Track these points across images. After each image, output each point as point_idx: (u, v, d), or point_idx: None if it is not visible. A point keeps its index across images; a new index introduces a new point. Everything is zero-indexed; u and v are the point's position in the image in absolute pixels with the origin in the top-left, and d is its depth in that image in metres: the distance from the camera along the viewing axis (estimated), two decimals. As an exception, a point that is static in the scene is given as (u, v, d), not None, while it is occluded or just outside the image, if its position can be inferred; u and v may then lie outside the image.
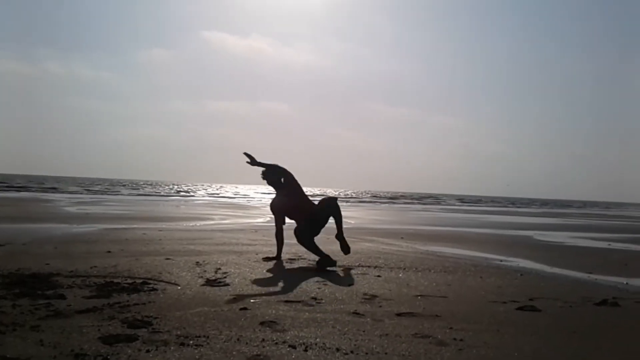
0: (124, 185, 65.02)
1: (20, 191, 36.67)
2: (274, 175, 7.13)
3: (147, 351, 3.04)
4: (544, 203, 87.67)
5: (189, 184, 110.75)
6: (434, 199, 70.79)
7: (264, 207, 27.60)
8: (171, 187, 73.81)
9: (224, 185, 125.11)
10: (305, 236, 6.88)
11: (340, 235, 7.12)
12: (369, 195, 77.14)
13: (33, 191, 37.78)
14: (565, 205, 71.39)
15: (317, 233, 7.04)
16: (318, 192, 73.01)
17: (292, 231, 6.94)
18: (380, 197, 65.84)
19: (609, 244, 12.15)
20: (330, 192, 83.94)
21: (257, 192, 64.49)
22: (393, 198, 64.25)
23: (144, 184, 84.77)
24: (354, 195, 70.73)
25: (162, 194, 45.50)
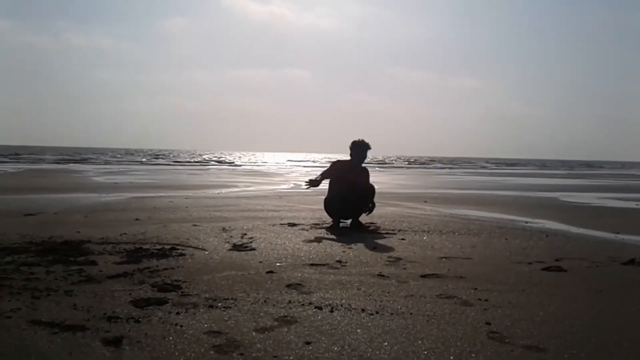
0: (161, 157, 65.57)
1: (62, 163, 37.31)
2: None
3: (177, 313, 3.12)
4: (587, 165, 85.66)
5: (211, 153, 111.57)
6: (470, 163, 70.14)
7: (288, 174, 27.73)
8: (199, 156, 74.38)
9: (255, 154, 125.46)
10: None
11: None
12: (402, 160, 76.61)
13: (80, 163, 38.41)
14: (599, 167, 70.05)
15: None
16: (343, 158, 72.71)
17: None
18: (413, 163, 65.27)
19: (637, 204, 11.96)
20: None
21: (289, 160, 64.67)
22: (425, 163, 63.73)
23: (171, 154, 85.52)
24: (387, 161, 70.31)
25: (192, 162, 45.90)
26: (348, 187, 7.10)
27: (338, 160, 7.52)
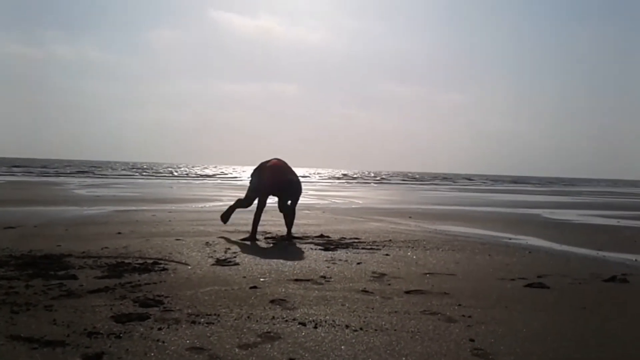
0: (146, 170, 65.13)
1: (51, 176, 36.86)
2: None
3: (159, 329, 3.08)
4: (571, 182, 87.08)
5: (197, 166, 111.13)
6: (468, 180, 70.67)
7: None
8: (185, 169, 74.03)
9: (243, 168, 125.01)
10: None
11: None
12: (389, 176, 77.13)
13: (72, 176, 37.98)
14: (595, 184, 70.93)
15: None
16: (325, 173, 72.94)
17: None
18: (401, 178, 65.61)
19: (618, 221, 12.10)
20: (339, 173, 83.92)
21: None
22: (413, 178, 64.09)
23: (158, 167, 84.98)
24: (377, 176, 70.69)
25: (177, 176, 45.62)
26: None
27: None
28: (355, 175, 71.62)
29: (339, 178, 56.46)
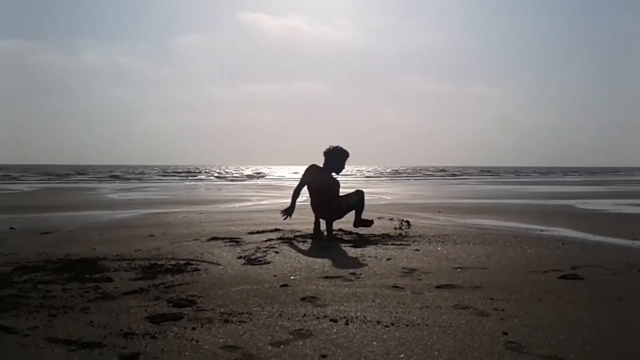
0: (176, 173, 65.94)
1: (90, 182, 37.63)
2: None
3: (193, 328, 3.12)
4: (614, 171, 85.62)
5: (226, 167, 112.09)
6: (484, 172, 69.89)
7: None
8: (214, 171, 74.72)
9: (271, 167, 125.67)
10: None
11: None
12: (417, 171, 76.84)
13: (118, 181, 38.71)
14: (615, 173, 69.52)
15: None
16: (356, 169, 72.83)
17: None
18: (430, 173, 65.19)
19: (655, 210, 11.83)
20: (369, 170, 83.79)
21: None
22: (441, 173, 63.72)
23: (187, 169, 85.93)
24: (400, 170, 70.34)
25: (206, 178, 46.08)
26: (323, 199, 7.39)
27: (313, 165, 7.55)
28: (394, 170, 71.33)
29: (380, 174, 56.23)
